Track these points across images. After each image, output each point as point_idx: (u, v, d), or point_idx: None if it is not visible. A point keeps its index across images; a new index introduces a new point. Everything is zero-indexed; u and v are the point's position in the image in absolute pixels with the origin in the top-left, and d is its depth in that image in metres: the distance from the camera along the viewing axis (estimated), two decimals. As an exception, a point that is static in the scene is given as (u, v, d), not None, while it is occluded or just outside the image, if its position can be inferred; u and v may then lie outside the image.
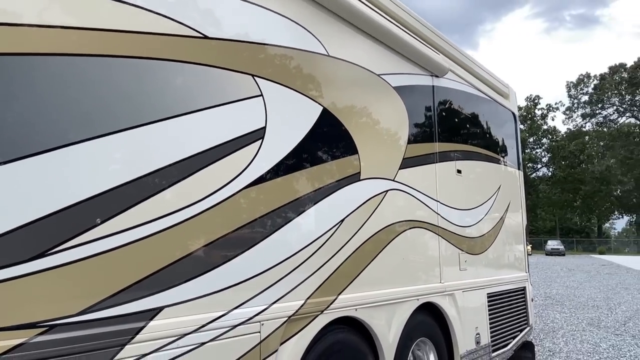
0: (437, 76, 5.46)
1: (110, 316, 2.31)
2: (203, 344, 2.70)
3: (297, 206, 3.44)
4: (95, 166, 2.36)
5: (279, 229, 3.28)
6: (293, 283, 3.32)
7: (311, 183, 3.60)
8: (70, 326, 2.17)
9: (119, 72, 2.52)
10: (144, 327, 2.44)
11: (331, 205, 3.74)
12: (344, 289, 3.76)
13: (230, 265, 2.91)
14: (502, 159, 6.99)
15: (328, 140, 3.86)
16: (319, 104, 3.77)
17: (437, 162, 5.27)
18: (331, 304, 3.60)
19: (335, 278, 3.67)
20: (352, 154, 4.03)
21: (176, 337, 2.58)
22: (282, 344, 3.19)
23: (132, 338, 2.39)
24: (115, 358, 2.30)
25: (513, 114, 7.66)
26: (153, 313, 2.50)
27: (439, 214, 5.15)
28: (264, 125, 3.26)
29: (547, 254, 52.76)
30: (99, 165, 2.38)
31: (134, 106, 2.58)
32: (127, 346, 2.36)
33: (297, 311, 3.31)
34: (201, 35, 2.94)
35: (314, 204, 3.59)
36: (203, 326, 2.72)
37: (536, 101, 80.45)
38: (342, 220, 3.81)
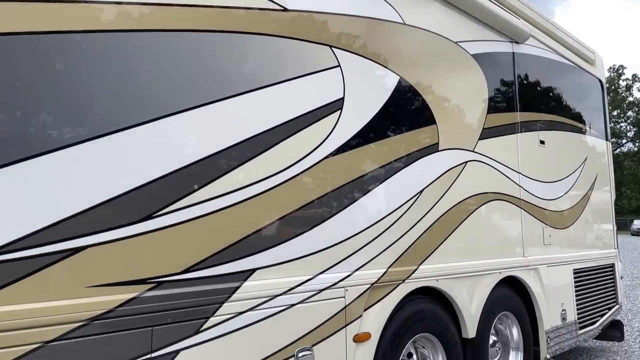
0: (517, 42, 5.22)
1: (209, 275, 2.47)
2: (292, 305, 2.82)
3: (376, 177, 3.46)
4: (192, 136, 2.51)
5: (359, 198, 3.32)
6: (374, 252, 3.36)
7: (389, 153, 3.60)
8: (176, 283, 2.34)
9: (208, 46, 2.64)
10: (239, 287, 2.58)
11: (410, 176, 3.72)
12: (425, 260, 3.74)
13: (315, 232, 3.00)
14: (588, 129, 6.59)
15: (405, 110, 3.83)
16: (396, 73, 3.73)
17: (518, 133, 5.07)
18: (412, 273, 3.61)
19: (415, 248, 3.66)
20: (430, 124, 3.97)
21: (268, 298, 2.70)
22: (365, 310, 3.25)
23: (229, 297, 2.53)
24: (216, 314, 2.46)
25: (600, 81, 7.16)
26: (247, 274, 2.63)
27: (521, 186, 4.97)
28: (342, 96, 3.29)
29: (632, 234, 49.28)
30: (195, 134, 2.52)
31: (223, 79, 2.70)
32: (225, 304, 2.51)
33: (379, 279, 3.35)
34: (281, 8, 3.00)
35: (393, 174, 3.58)
36: (292, 289, 2.83)
37: (620, 71, 74.42)
38: (421, 192, 3.79)
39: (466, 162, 4.26)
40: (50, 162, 2.02)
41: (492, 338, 4.38)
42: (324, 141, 3.10)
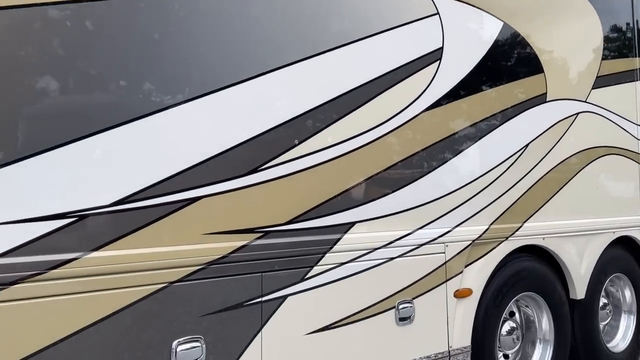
0: (639, -21, 4.64)
1: (312, 227, 2.55)
2: (391, 259, 2.83)
3: (478, 129, 3.31)
4: (293, 91, 2.55)
5: (460, 152, 3.21)
6: (476, 207, 3.25)
7: (492, 105, 3.41)
8: (281, 233, 2.45)
9: (305, 1, 2.65)
10: (340, 239, 2.64)
11: (514, 128, 3.51)
12: (530, 217, 3.56)
13: (415, 187, 2.96)
14: None
15: (509, 59, 3.59)
16: (499, 18, 3.49)
17: (638, 81, 4.57)
18: (516, 231, 3.46)
19: (520, 205, 3.49)
20: (536, 73, 3.69)
21: (368, 251, 2.74)
22: (466, 266, 3.19)
23: (331, 248, 2.61)
24: (319, 264, 2.55)
25: None
26: (347, 227, 2.68)
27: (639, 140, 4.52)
28: (441, 45, 3.15)
29: None
30: (295, 90, 2.56)
31: (320, 34, 2.70)
32: (327, 254, 2.59)
33: (481, 236, 3.25)
34: (377, -44, 2.91)
35: (496, 127, 3.41)
36: (391, 242, 2.84)
37: None
38: (526, 145, 3.57)
39: (577, 113, 3.93)
40: (168, 118, 2.16)
41: (603, 300, 4.12)
42: (423, 92, 3.01)
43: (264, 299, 2.37)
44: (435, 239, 3.03)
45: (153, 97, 2.15)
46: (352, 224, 2.71)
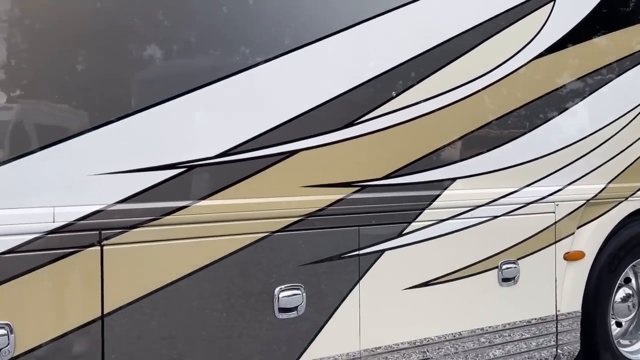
0: None
1: (409, 182, 2.48)
2: (495, 217, 2.70)
3: (597, 80, 2.98)
4: (392, 41, 2.46)
5: (574, 105, 2.93)
6: (592, 165, 2.98)
7: (611, 52, 3.05)
8: (378, 187, 2.41)
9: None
10: (439, 195, 2.55)
11: (634, 81, 3.13)
12: (655, 176, 3.19)
13: (522, 142, 2.76)
14: None
15: (629, 1, 3.17)
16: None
17: None
18: (637, 191, 3.13)
19: (642, 163, 3.14)
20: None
21: (469, 208, 2.63)
22: (579, 227, 2.95)
23: (430, 204, 2.53)
24: (417, 220, 2.49)
25: None
26: (447, 183, 2.58)
27: None
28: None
29: None
30: (394, 39, 2.46)
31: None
32: (425, 211, 2.52)
33: (596, 195, 2.98)
34: None
35: (616, 76, 3.06)
36: (494, 200, 2.69)
37: None
38: (649, 98, 3.17)
39: None
40: (268, 72, 2.18)
41: None
42: (533, 39, 2.76)
43: (361, 252, 2.37)
44: (544, 197, 2.82)
45: (254, 51, 2.18)
46: (453, 180, 2.60)
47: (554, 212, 2.85)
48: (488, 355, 2.73)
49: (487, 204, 2.68)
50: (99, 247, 1.88)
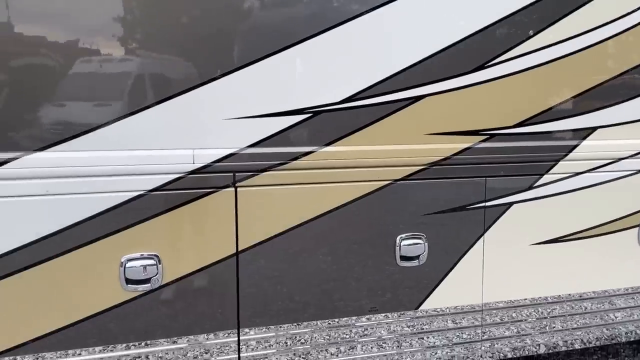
0: None
1: (544, 131, 2.29)
2: (638, 171, 2.43)
3: None
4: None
5: None
6: None
7: None
8: (508, 137, 2.26)
9: None
10: (576, 145, 2.34)
11: None
12: None
13: (678, 86, 2.42)
14: None
15: None
16: None
17: None
18: None
19: None
20: None
21: (610, 161, 2.38)
22: None
23: (566, 155, 2.33)
24: (550, 172, 2.31)
25: None
26: (586, 132, 2.35)
27: None
28: None
29: None
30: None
31: None
32: (560, 162, 2.32)
33: None
34: None
35: None
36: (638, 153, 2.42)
37: None
38: None
39: None
40: (393, 14, 2.08)
41: None
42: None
43: (487, 204, 2.27)
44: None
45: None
46: (593, 129, 2.36)
47: None
48: (610, 318, 2.54)
49: (630, 156, 2.42)
50: (233, 189, 1.97)
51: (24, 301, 1.80)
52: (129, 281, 1.88)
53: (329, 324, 2.17)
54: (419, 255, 2.20)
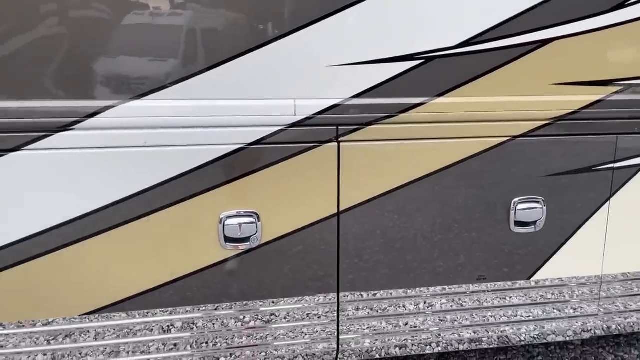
0: None
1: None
2: None
3: None
4: None
5: None
6: None
7: None
8: (648, 87, 1.96)
9: None
10: None
11: None
12: None
13: None
14: None
15: None
16: None
17: None
18: None
19: None
20: None
21: None
22: None
23: None
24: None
25: None
26: None
27: None
28: None
29: None
30: None
31: None
32: None
33: None
34: None
35: None
36: None
37: None
38: None
39: None
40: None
41: None
42: None
43: (616, 165, 2.00)
44: None
45: None
46: None
47: None
48: None
49: None
50: (336, 144, 1.81)
51: (121, 257, 1.74)
52: (228, 239, 1.78)
53: (432, 290, 2.02)
54: (536, 221, 1.98)
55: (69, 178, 1.65)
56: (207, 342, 1.88)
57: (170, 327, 1.84)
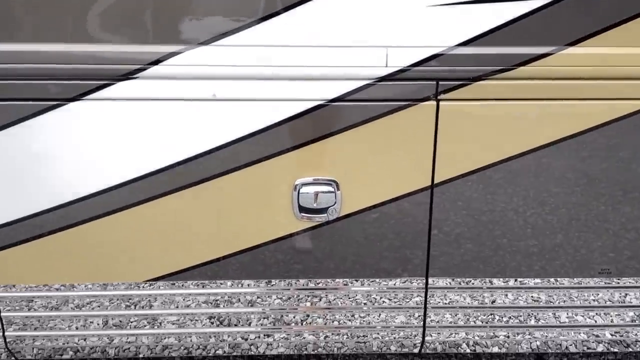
0: None
1: None
2: None
3: None
4: None
5: None
6: None
7: None
8: None
9: None
10: None
11: None
12: None
13: None
14: None
15: None
16: None
17: None
18: None
19: None
20: None
21: None
22: None
23: None
24: None
25: None
26: None
27: None
28: None
29: None
30: None
31: None
32: None
33: None
34: None
35: None
36: None
37: None
38: None
39: None
40: None
41: None
42: None
43: None
44: None
45: None
46: None
47: None
48: None
49: None
50: (434, 102, 1.49)
51: (186, 221, 1.58)
52: (302, 209, 1.56)
53: (536, 282, 1.69)
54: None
55: (130, 132, 1.49)
56: (275, 319, 1.71)
57: (236, 301, 1.68)
